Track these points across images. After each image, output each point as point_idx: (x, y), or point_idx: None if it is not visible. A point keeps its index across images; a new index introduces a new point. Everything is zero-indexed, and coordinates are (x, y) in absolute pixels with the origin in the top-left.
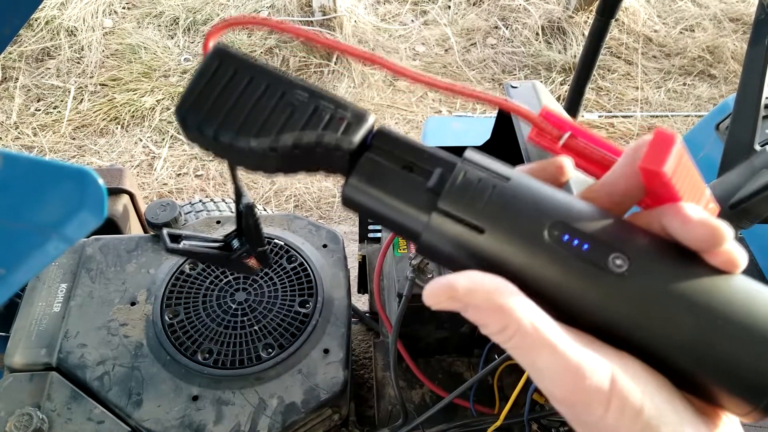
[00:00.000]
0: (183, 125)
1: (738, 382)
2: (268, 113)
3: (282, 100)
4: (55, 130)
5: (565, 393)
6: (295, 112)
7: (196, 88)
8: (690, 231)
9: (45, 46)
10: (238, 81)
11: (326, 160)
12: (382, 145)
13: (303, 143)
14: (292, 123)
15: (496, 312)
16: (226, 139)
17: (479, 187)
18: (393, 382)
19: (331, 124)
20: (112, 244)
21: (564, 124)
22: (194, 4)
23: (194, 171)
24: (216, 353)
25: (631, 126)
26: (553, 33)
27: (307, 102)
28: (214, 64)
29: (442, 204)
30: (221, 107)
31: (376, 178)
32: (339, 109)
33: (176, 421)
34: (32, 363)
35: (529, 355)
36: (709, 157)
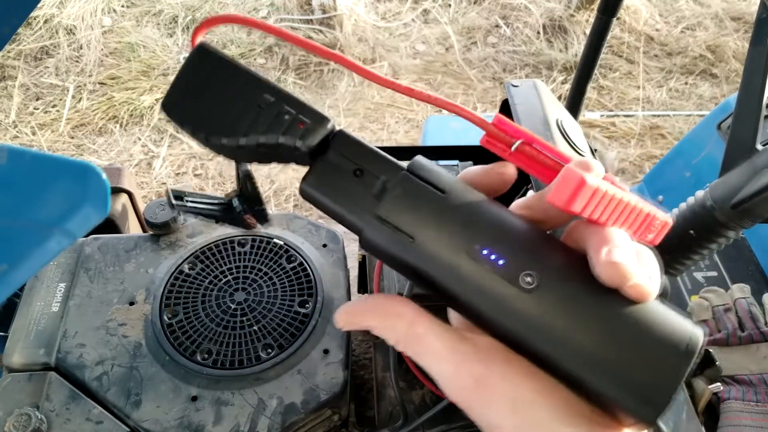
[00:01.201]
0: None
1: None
2: (237, 114)
3: (251, 101)
4: (53, 128)
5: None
6: (260, 114)
7: (179, 84)
8: (599, 270)
9: (44, 44)
10: (215, 80)
11: (291, 157)
12: (339, 148)
13: (267, 143)
14: (256, 125)
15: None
16: (201, 136)
17: (415, 198)
18: (393, 382)
19: (291, 128)
20: (110, 243)
21: (517, 132)
22: (193, 2)
23: (193, 170)
24: (215, 353)
25: (632, 125)
26: (555, 32)
27: (273, 105)
28: (195, 62)
29: (380, 210)
30: (198, 105)
31: (327, 180)
32: (300, 114)
33: (175, 421)
34: (31, 363)
35: (423, 360)
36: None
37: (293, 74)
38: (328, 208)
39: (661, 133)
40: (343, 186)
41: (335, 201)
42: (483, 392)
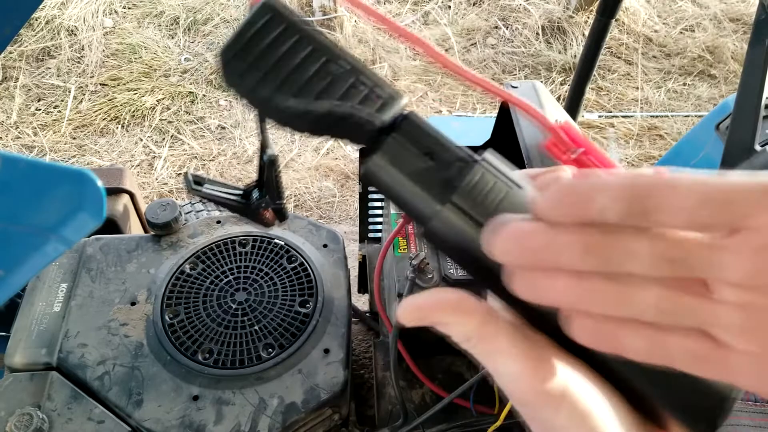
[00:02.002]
0: (224, 70)
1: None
2: (309, 77)
3: (324, 67)
4: (55, 129)
5: (520, 395)
6: (334, 81)
7: (244, 36)
8: None
9: (45, 45)
10: (285, 39)
11: (354, 131)
12: (410, 128)
13: (337, 112)
14: (330, 91)
15: (457, 325)
16: (264, 92)
17: (493, 189)
18: (393, 381)
19: (366, 101)
20: (112, 243)
21: (580, 140)
22: (194, 3)
23: (195, 171)
24: (216, 353)
25: (631, 126)
26: (554, 33)
27: (348, 74)
28: (263, 17)
29: (456, 197)
30: (265, 61)
31: (399, 159)
32: (376, 87)
33: (176, 420)
34: (32, 363)
35: (491, 360)
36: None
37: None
38: (396, 190)
39: (659, 133)
40: (416, 167)
41: (408, 180)
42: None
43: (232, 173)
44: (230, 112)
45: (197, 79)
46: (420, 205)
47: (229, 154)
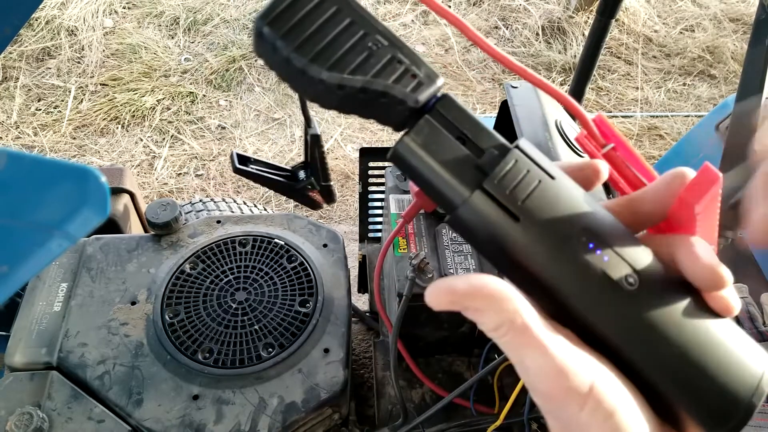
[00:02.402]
0: (258, 37)
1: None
2: (346, 50)
3: (362, 40)
4: (55, 129)
5: (546, 389)
6: (371, 56)
7: (280, 4)
8: (698, 269)
9: (45, 45)
10: (324, 9)
11: (386, 111)
12: (443, 111)
13: (371, 89)
14: (366, 66)
15: (491, 312)
16: (298, 63)
17: (526, 178)
18: (393, 381)
19: (403, 78)
20: (112, 243)
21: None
22: (194, 3)
23: (194, 171)
24: (216, 352)
25: (631, 126)
26: (553, 33)
27: (386, 50)
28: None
29: (487, 184)
30: (301, 30)
31: (431, 142)
32: (413, 65)
33: (176, 420)
34: (33, 362)
35: (518, 352)
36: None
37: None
38: (425, 173)
39: (659, 133)
40: (448, 149)
41: (438, 164)
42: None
43: (232, 173)
44: (230, 112)
45: (197, 79)
46: (448, 190)
47: (230, 153)
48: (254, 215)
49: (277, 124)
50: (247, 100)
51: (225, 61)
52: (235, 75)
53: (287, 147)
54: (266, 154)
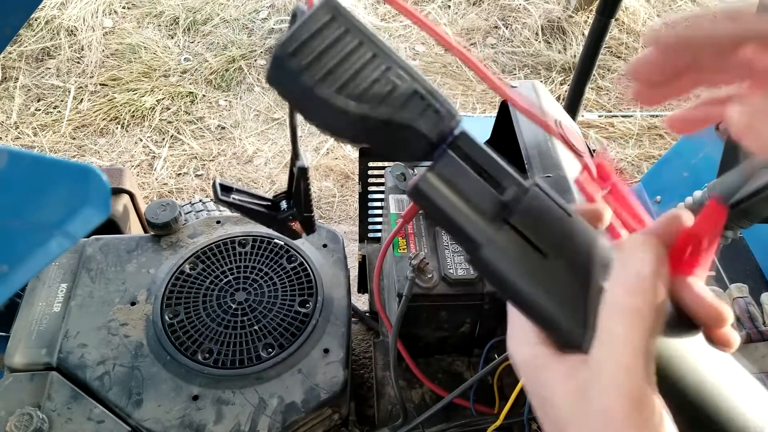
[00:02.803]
0: (278, 67)
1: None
2: (370, 82)
3: (385, 73)
4: (55, 129)
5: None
6: (395, 89)
7: (302, 35)
8: (702, 309)
9: (45, 45)
10: (347, 41)
11: (404, 144)
12: (463, 146)
13: (395, 122)
14: (391, 99)
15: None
16: (323, 93)
17: (549, 215)
18: (393, 381)
19: (426, 113)
20: (112, 243)
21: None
22: (194, 3)
23: (194, 171)
24: (216, 353)
25: (630, 126)
26: (553, 33)
27: (408, 83)
28: (323, 17)
29: (515, 220)
30: (325, 61)
31: (454, 178)
32: (435, 100)
33: (176, 420)
34: (32, 363)
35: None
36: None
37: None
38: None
39: (659, 133)
40: (471, 186)
41: (462, 199)
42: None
43: (232, 173)
44: (230, 112)
45: (197, 79)
46: (473, 227)
47: (229, 154)
48: None
49: (277, 124)
50: (247, 100)
51: (225, 61)
52: (235, 75)
53: (287, 147)
54: (266, 154)
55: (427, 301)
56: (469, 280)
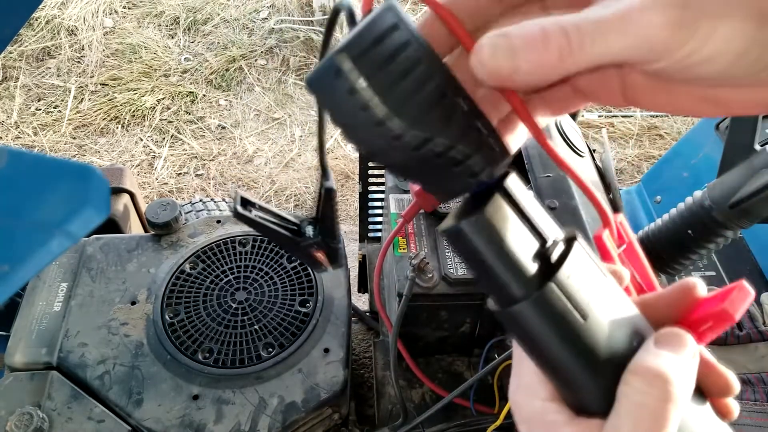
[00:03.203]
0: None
1: None
2: (429, 107)
3: (444, 99)
4: (55, 129)
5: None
6: (453, 119)
7: (367, 38)
8: (711, 378)
9: (45, 45)
10: (408, 56)
11: (452, 178)
12: (512, 190)
13: (451, 154)
14: (450, 128)
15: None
16: (379, 112)
17: (591, 275)
18: (393, 381)
19: (482, 149)
20: (112, 243)
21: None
22: (194, 3)
23: (194, 170)
24: (216, 352)
25: (630, 126)
26: None
27: (467, 114)
28: (385, 24)
29: (560, 279)
30: (386, 75)
31: (500, 225)
32: (491, 136)
33: (177, 420)
34: (33, 362)
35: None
36: (709, 157)
37: (294, 75)
38: (493, 254)
39: (659, 133)
40: (515, 234)
41: (506, 249)
42: None
43: (232, 173)
44: (230, 112)
45: (197, 79)
46: (512, 280)
47: (229, 153)
48: None
49: (277, 123)
50: (247, 100)
51: (225, 61)
52: (235, 75)
53: (287, 147)
54: (266, 154)
55: (427, 300)
56: (470, 280)
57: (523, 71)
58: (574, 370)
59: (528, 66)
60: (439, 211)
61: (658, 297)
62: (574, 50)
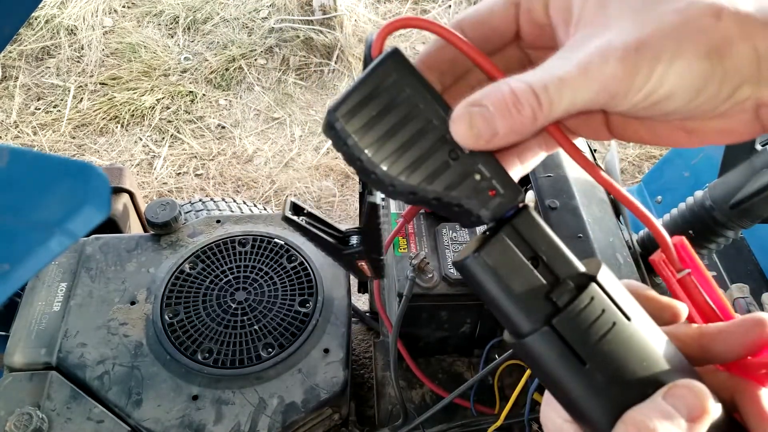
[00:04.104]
0: (329, 129)
1: None
2: (421, 156)
3: (439, 144)
4: (55, 129)
5: None
6: (448, 165)
7: (355, 96)
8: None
9: (45, 44)
10: (401, 105)
11: (459, 216)
12: (520, 227)
13: (445, 200)
14: (442, 176)
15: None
16: (369, 165)
17: (600, 319)
18: (393, 381)
19: (480, 193)
20: (112, 243)
21: (691, 260)
22: (194, 2)
23: (194, 170)
24: (216, 353)
25: None
26: None
27: (465, 158)
28: (385, 70)
29: (558, 322)
30: (376, 129)
31: (503, 263)
32: (494, 179)
33: (176, 420)
34: (32, 362)
35: None
36: (710, 157)
37: (294, 75)
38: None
39: None
40: (520, 273)
41: (508, 287)
42: None
43: (232, 173)
44: (230, 112)
45: (197, 79)
46: (515, 318)
47: (229, 153)
48: (254, 215)
49: (277, 123)
50: (247, 100)
51: (224, 60)
52: (235, 74)
53: (287, 146)
54: (266, 154)
55: (427, 301)
56: None
57: (501, 135)
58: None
59: (505, 129)
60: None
61: (722, 330)
62: (545, 108)
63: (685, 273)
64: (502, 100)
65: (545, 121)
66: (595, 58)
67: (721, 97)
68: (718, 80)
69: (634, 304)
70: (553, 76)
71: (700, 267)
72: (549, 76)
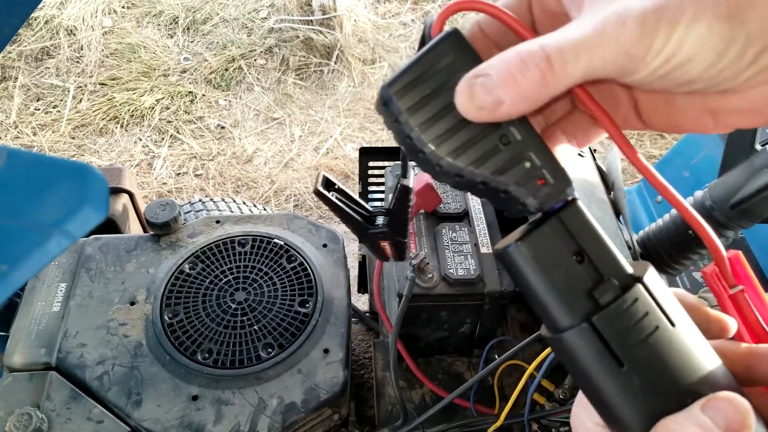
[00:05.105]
0: (383, 105)
1: None
2: (473, 137)
3: (495, 129)
4: (54, 129)
5: None
6: (497, 149)
7: (410, 72)
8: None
9: (44, 45)
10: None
11: (505, 203)
12: (567, 220)
13: (491, 185)
14: (491, 160)
15: None
16: (419, 144)
17: (642, 321)
18: (393, 382)
19: (528, 181)
20: (111, 243)
21: (746, 277)
22: (193, 3)
23: (194, 170)
24: (216, 353)
25: None
26: None
27: (515, 145)
28: (444, 51)
29: (597, 321)
30: (428, 108)
31: (546, 255)
32: (545, 168)
33: (176, 420)
34: (32, 363)
35: None
36: (710, 157)
37: (293, 75)
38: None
39: (659, 133)
40: (562, 267)
41: (549, 280)
42: None
43: (232, 173)
44: (229, 112)
45: (196, 79)
46: (553, 311)
47: (229, 153)
48: (254, 215)
49: (277, 123)
50: (247, 100)
51: (224, 61)
52: (235, 74)
53: (287, 146)
54: (266, 154)
55: (427, 301)
56: (470, 280)
57: (508, 103)
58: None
59: (511, 97)
60: (440, 211)
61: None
62: (557, 70)
63: (738, 290)
64: (505, 67)
65: (558, 85)
66: (612, 20)
67: (744, 61)
68: (741, 43)
69: (680, 311)
70: (567, 39)
71: (755, 284)
72: (563, 39)
